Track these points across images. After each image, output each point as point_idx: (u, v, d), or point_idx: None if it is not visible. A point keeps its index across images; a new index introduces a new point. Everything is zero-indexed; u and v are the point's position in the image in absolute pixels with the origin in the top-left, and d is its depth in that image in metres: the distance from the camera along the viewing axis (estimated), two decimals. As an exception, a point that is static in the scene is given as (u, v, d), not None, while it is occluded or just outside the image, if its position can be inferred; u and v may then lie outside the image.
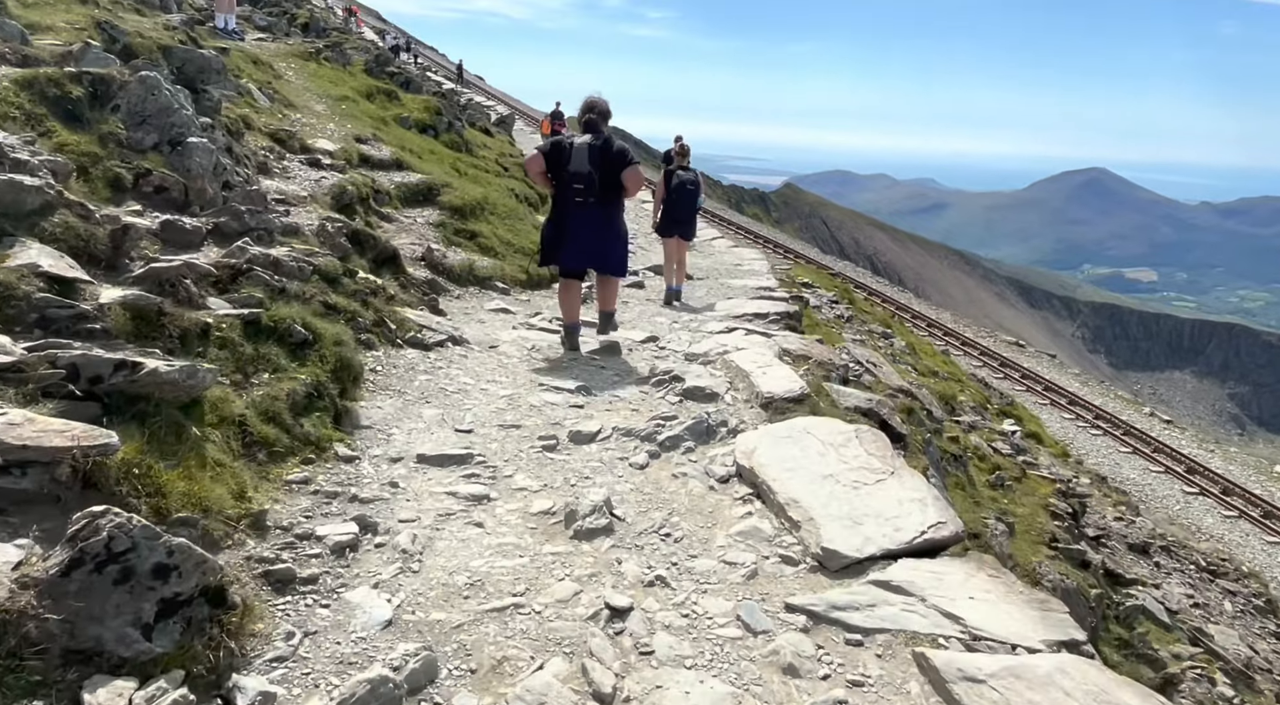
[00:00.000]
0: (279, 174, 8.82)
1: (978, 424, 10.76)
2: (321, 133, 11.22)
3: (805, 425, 5.05)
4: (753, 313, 10.11)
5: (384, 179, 10.92)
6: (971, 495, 7.78)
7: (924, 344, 18.14)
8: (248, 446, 3.87)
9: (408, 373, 5.76)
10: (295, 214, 7.51)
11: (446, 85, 45.76)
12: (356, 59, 16.09)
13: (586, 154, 6.39)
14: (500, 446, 4.88)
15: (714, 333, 8.68)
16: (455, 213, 10.90)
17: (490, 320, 8.03)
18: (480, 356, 6.52)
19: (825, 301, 15.69)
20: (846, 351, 9.45)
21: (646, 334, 8.07)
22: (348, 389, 4.87)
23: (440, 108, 15.72)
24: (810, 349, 7.88)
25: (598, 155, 6.39)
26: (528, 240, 11.45)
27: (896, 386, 8.78)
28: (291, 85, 12.80)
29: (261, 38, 14.82)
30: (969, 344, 28.74)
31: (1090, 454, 21.20)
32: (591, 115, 6.58)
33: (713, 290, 13.13)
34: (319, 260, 6.09)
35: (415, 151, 12.79)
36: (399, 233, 9.84)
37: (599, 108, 6.61)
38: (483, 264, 9.96)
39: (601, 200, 6.50)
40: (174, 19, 11.13)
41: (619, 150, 6.49)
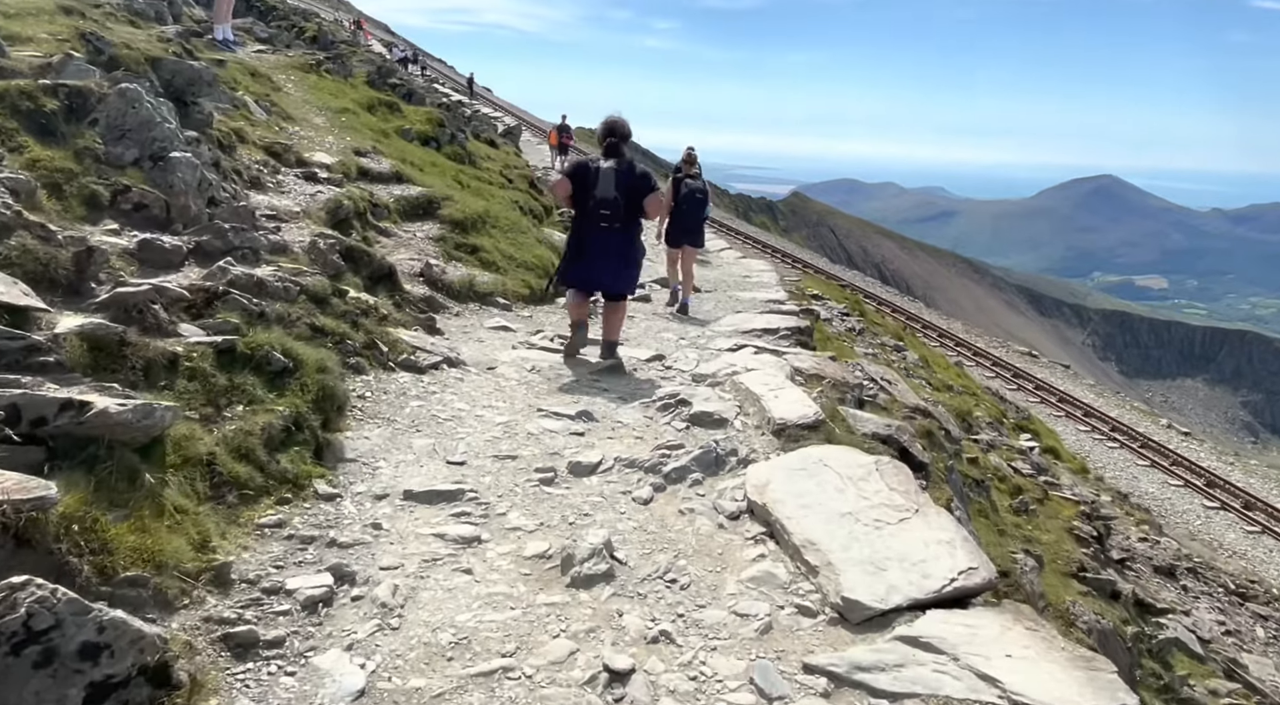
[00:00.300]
0: (273, 189, 8.54)
1: (996, 442, 10.39)
2: (319, 146, 10.95)
3: (821, 455, 4.71)
4: (762, 328, 9.79)
5: (383, 192, 10.64)
6: (995, 523, 7.41)
7: (937, 357, 17.77)
8: (216, 488, 3.56)
9: (399, 399, 5.45)
10: (286, 230, 7.23)
11: (454, 97, 45.72)
12: (358, 71, 15.85)
13: (613, 179, 6.38)
14: (494, 480, 4.56)
15: (722, 351, 8.37)
16: (456, 226, 10.61)
17: (489, 339, 7.72)
18: (477, 379, 6.20)
19: (836, 314, 15.36)
20: (860, 369, 9.11)
21: (652, 352, 7.75)
22: (331, 419, 4.56)
23: (443, 119, 15.47)
24: (823, 368, 7.55)
25: (623, 180, 6.40)
26: (531, 254, 11.16)
27: (913, 406, 8.44)
28: (291, 98, 12.55)
29: (262, 49, 14.61)
30: (981, 354, 28.33)
31: (1107, 468, 20.76)
32: (613, 138, 6.55)
33: (721, 303, 12.82)
34: (307, 280, 5.79)
35: (416, 164, 12.52)
36: (397, 248, 9.55)
37: (620, 130, 6.58)
38: (483, 279, 9.66)
39: (625, 224, 6.53)
40: (169, 30, 10.90)
41: (641, 174, 6.52)
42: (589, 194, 6.45)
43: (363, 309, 6.06)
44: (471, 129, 22.81)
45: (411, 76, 40.04)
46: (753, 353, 7.83)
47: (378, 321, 6.16)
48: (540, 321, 9.35)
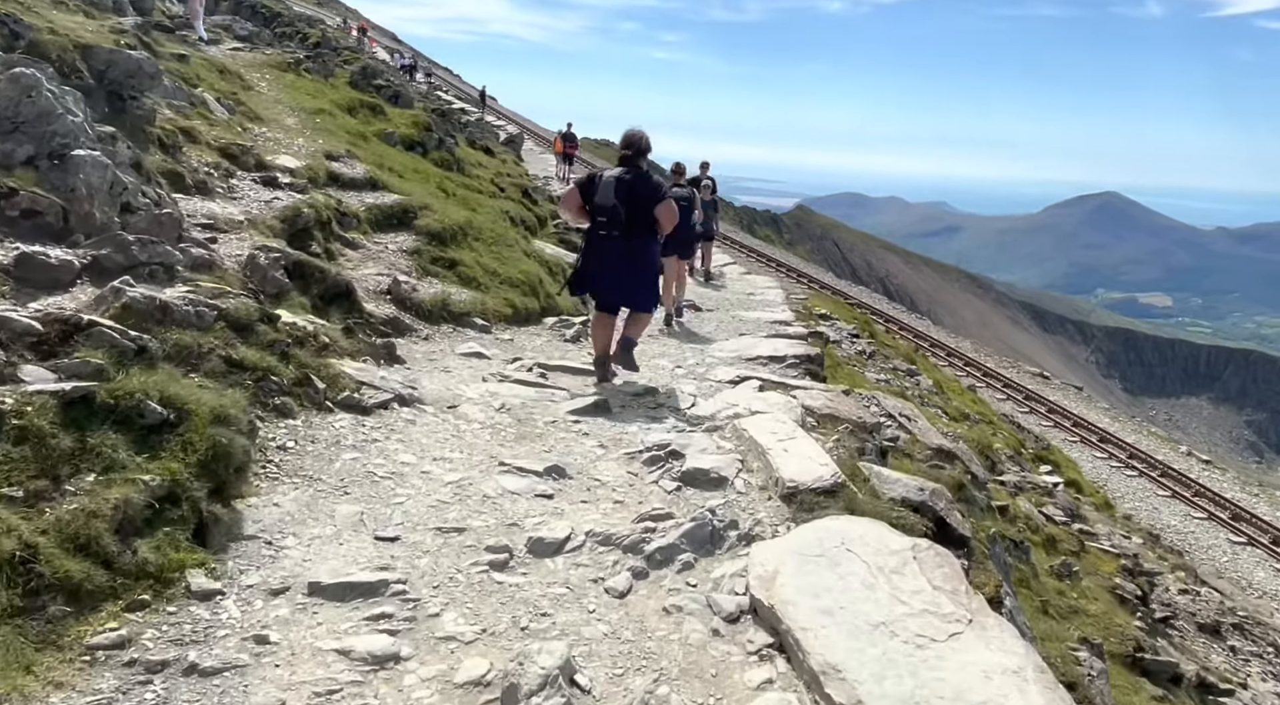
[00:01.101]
0: (222, 194, 7.64)
1: (1023, 482, 9.46)
2: (286, 148, 10.06)
3: (843, 533, 3.77)
4: (768, 355, 8.86)
5: (353, 200, 9.73)
6: (1038, 592, 6.47)
7: (950, 381, 16.81)
8: (32, 596, 2.62)
9: (330, 449, 4.50)
10: (223, 243, 6.31)
11: (456, 104, 44.97)
12: (340, 71, 14.99)
13: (613, 188, 6.22)
14: (432, 563, 3.61)
15: (723, 383, 7.43)
16: (433, 238, 9.69)
17: (458, 368, 6.78)
18: (433, 421, 5.25)
19: (845, 335, 14.43)
20: (876, 403, 8.17)
21: (644, 385, 6.81)
22: (227, 484, 3.62)
23: (430, 123, 14.58)
24: (838, 406, 6.61)
25: (625, 189, 6.22)
26: (516, 269, 10.24)
27: (935, 446, 7.51)
28: (262, 97, 11.68)
29: (238, 47, 13.75)
30: (992, 376, 27.38)
31: (1126, 498, 19.76)
32: (627, 151, 6.41)
33: (723, 324, 11.91)
34: (229, 303, 4.86)
35: (396, 170, 11.62)
36: (364, 261, 8.63)
37: (637, 143, 6.43)
38: (460, 298, 8.74)
39: (627, 234, 6.29)
40: (126, 22, 10.03)
41: (652, 184, 6.31)
42: (590, 202, 6.30)
43: (298, 337, 5.12)
44: (467, 135, 21.96)
45: (408, 82, 39.29)
46: (757, 388, 6.89)
47: (316, 351, 5.22)
48: (521, 345, 8.42)
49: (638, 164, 6.41)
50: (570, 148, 31.99)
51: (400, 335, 7.38)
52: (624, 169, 6.33)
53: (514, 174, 19.67)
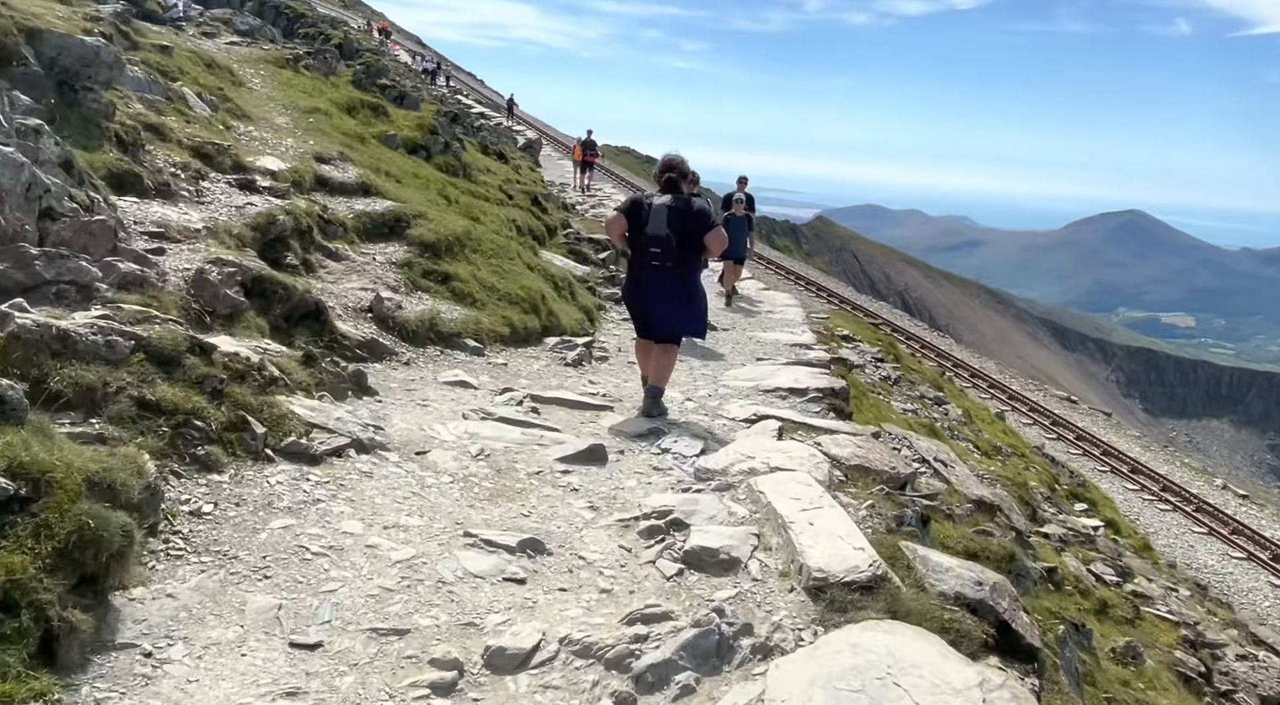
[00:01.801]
0: (187, 198, 6.89)
1: (1067, 535, 8.59)
2: (273, 149, 9.33)
3: (889, 656, 2.94)
4: (788, 387, 8.03)
5: (341, 206, 8.98)
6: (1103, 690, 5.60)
7: (979, 409, 15.91)
8: None
9: (258, 514, 3.70)
10: (172, 255, 5.54)
11: (475, 109, 44.37)
12: (343, 69, 14.29)
13: (665, 216, 6.05)
14: (357, 686, 2.80)
15: (738, 420, 6.62)
16: (427, 249, 8.92)
17: (437, 401, 5.98)
18: (393, 473, 4.45)
19: (869, 359, 13.56)
20: (908, 444, 7.33)
21: (647, 425, 6.01)
22: (101, 575, 2.83)
23: (436, 126, 13.84)
24: (868, 455, 5.78)
25: (677, 217, 6.06)
26: (517, 284, 9.46)
27: (976, 498, 6.67)
28: (253, 94, 10.97)
29: (235, 41, 13.08)
30: (1018, 398, 26.39)
31: (1160, 533, 18.74)
32: (671, 174, 6.24)
33: (740, 346, 11.08)
34: (153, 330, 4.08)
35: (393, 175, 10.87)
36: (347, 274, 7.87)
37: (678, 167, 6.30)
38: (450, 316, 7.96)
39: (679, 263, 6.15)
40: (105, 9, 9.34)
41: (699, 210, 6.13)
42: (641, 231, 6.11)
43: (238, 370, 4.34)
44: (480, 139, 21.26)
45: (428, 85, 38.69)
46: (776, 431, 6.06)
47: (260, 387, 4.43)
48: (515, 371, 7.62)
49: (682, 188, 6.26)
50: (590, 156, 30.78)
51: (377, 359, 6.60)
52: (672, 196, 6.15)
53: (526, 180, 18.92)
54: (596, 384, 7.67)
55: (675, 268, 6.14)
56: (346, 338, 6.42)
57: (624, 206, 6.42)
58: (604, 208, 27.77)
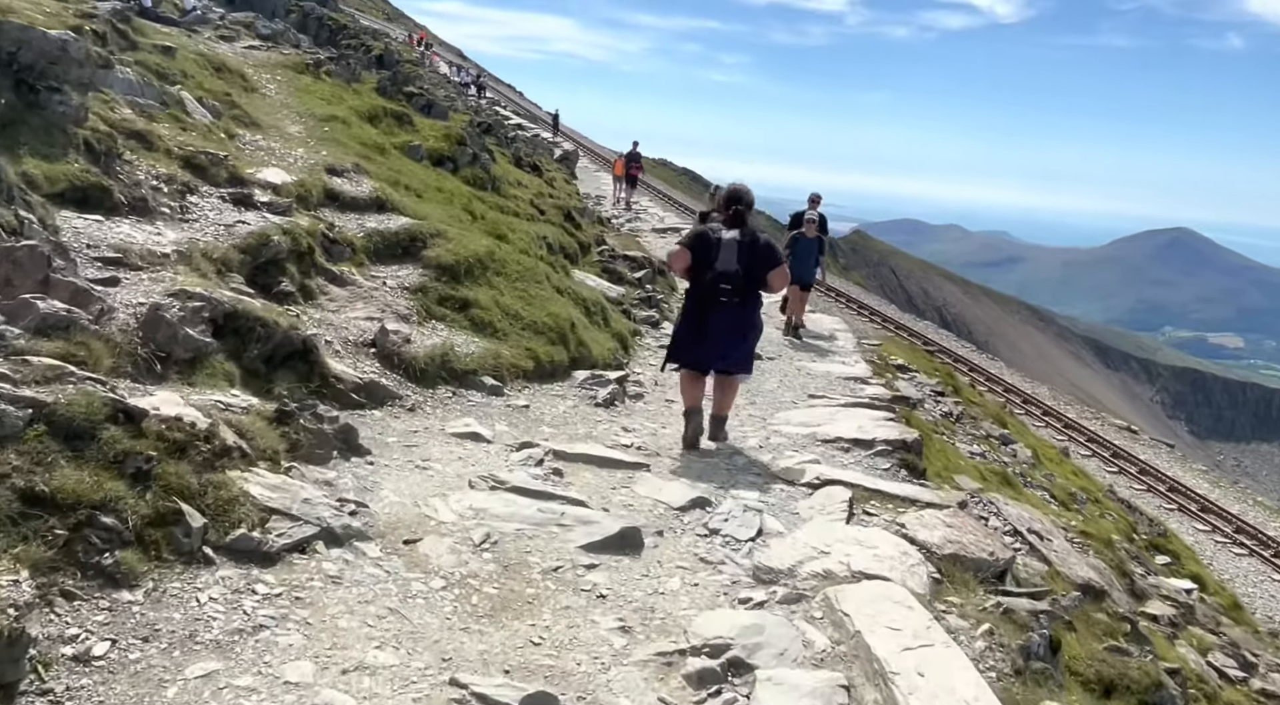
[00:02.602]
0: (167, 215, 6.02)
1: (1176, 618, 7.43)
2: (280, 160, 8.48)
3: None
4: (851, 438, 6.97)
5: (351, 224, 8.09)
6: None
7: (1045, 447, 14.68)
8: None
9: (172, 653, 2.74)
10: (128, 285, 4.64)
11: (512, 120, 43.77)
12: (367, 76, 13.51)
13: (735, 251, 5.94)
14: None
15: (798, 484, 5.59)
16: (444, 272, 7.99)
17: (441, 462, 5.02)
18: (370, 578, 3.47)
19: (928, 392, 12.43)
20: (995, 510, 6.25)
21: (689, 493, 5.01)
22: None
23: (464, 136, 12.98)
24: (961, 536, 4.76)
25: (746, 253, 5.96)
26: (544, 312, 8.50)
27: (1081, 581, 5.59)
28: (265, 100, 10.17)
29: (254, 45, 12.34)
30: (1074, 427, 25.00)
31: (1236, 581, 17.28)
32: (739, 206, 6.15)
33: (788, 378, 10.04)
34: (62, 393, 3.17)
35: (413, 188, 9.99)
36: (351, 302, 6.96)
37: (745, 198, 6.20)
38: (467, 350, 7.01)
39: (745, 298, 6.07)
40: (102, 6, 8.58)
41: (766, 245, 6.10)
42: (708, 267, 5.97)
43: (177, 440, 3.40)
44: (514, 151, 20.41)
45: (466, 96, 38.13)
46: (845, 507, 5.02)
47: (207, 460, 3.49)
48: (538, 415, 6.64)
49: (747, 220, 6.14)
50: (634, 169, 29.09)
51: (377, 405, 5.67)
52: (740, 231, 6.03)
53: (559, 194, 18.03)
54: (631, 431, 6.68)
55: (741, 303, 6.03)
56: (340, 380, 5.49)
57: (688, 240, 6.21)
58: (640, 222, 26.84)
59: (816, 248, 12.21)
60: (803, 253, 11.34)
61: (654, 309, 13.39)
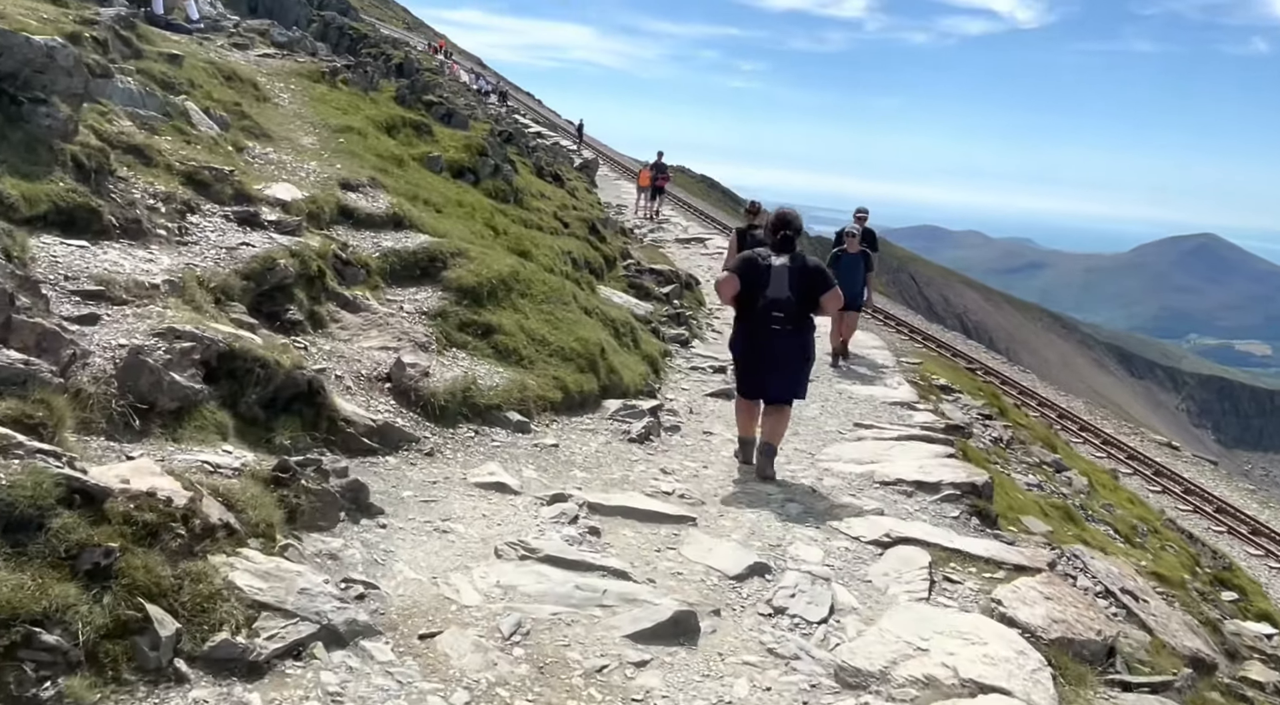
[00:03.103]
0: (163, 238, 5.46)
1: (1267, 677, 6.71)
2: (291, 174, 7.93)
3: None
4: (912, 480, 6.33)
5: (366, 243, 7.52)
6: None
7: (1098, 473, 13.92)
8: None
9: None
10: (110, 323, 4.07)
11: (531, 128, 43.35)
12: (386, 84, 12.98)
13: (786, 278, 5.90)
14: None
15: (864, 540, 4.96)
16: (465, 295, 7.41)
17: (464, 520, 4.41)
18: (377, 691, 2.84)
19: (975, 416, 11.72)
20: (1081, 565, 5.56)
21: (745, 558, 4.38)
22: None
23: (485, 147, 12.42)
24: (1064, 611, 4.16)
25: (796, 278, 5.93)
26: (573, 336, 7.89)
27: (1189, 652, 4.91)
28: (278, 110, 9.64)
29: (269, 53, 11.85)
30: (1112, 444, 24.12)
31: (1294, 610, 16.40)
32: (787, 232, 6.11)
33: (830, 404, 9.38)
34: (6, 472, 2.58)
35: (432, 203, 9.43)
36: (365, 330, 6.38)
37: (794, 224, 6.18)
38: (490, 382, 6.41)
39: (798, 325, 6.01)
40: (105, 12, 8.08)
41: (815, 269, 6.05)
42: (759, 293, 5.91)
43: (148, 523, 2.80)
44: (535, 160, 19.88)
45: (485, 104, 37.69)
46: (925, 577, 4.37)
47: (185, 545, 2.89)
48: (569, 455, 6.03)
49: (795, 246, 6.08)
50: (661, 179, 27.79)
51: (391, 450, 5.08)
52: (789, 256, 5.97)
53: (582, 205, 17.47)
54: (670, 474, 6.06)
55: (795, 330, 5.95)
56: (350, 424, 4.91)
57: (736, 266, 6.12)
58: (663, 232, 26.24)
59: (862, 264, 11.32)
60: (845, 271, 10.46)
61: (683, 327, 12.78)
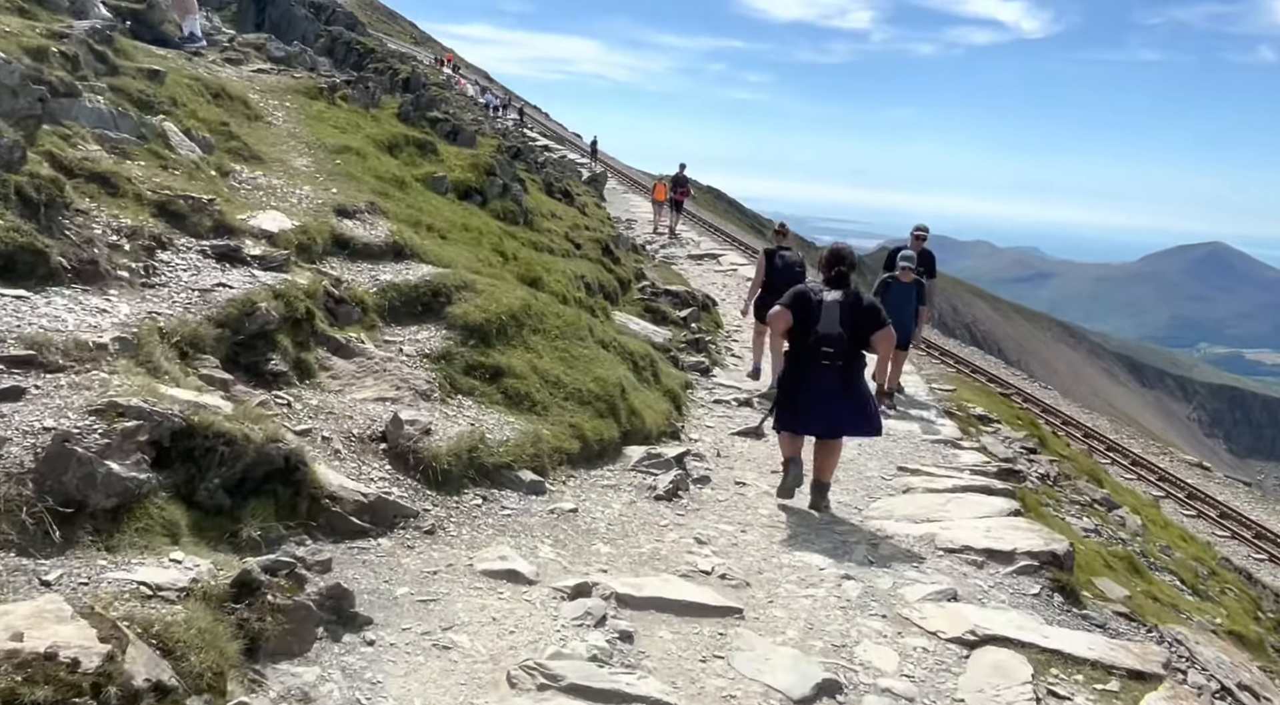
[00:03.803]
0: (123, 281, 4.75)
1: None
2: (281, 201, 7.22)
3: None
4: (982, 549, 5.56)
5: (363, 276, 6.80)
6: None
7: (1148, 508, 13.08)
8: None
9: None
10: (35, 399, 3.33)
11: (539, 142, 42.70)
12: (388, 100, 12.30)
13: (838, 313, 5.85)
14: None
15: (944, 638, 4.18)
16: (472, 334, 6.67)
17: (468, 628, 3.66)
18: None
19: (1017, 449, 10.93)
20: (1188, 656, 4.78)
21: (809, 671, 3.63)
22: None
23: (494, 166, 11.72)
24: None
25: (848, 314, 5.86)
26: (590, 376, 7.15)
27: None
28: (271, 130, 8.95)
29: (264, 68, 11.20)
30: (1141, 464, 23.27)
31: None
32: (841, 268, 6.09)
33: (868, 443, 8.57)
34: None
35: (436, 228, 8.71)
36: (359, 378, 5.65)
37: (847, 259, 6.18)
38: (500, 435, 5.67)
39: (849, 361, 5.94)
40: (79, 25, 7.39)
41: (869, 307, 5.95)
42: (809, 328, 5.92)
43: (42, 702, 2.07)
44: (544, 177, 19.21)
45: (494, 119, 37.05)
46: (1027, 693, 3.60)
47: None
48: (589, 526, 5.26)
49: (849, 282, 6.09)
50: (680, 193, 26.14)
51: (385, 529, 4.33)
52: (842, 292, 5.97)
53: (594, 224, 16.77)
54: (706, 543, 5.31)
55: (845, 366, 5.93)
56: (337, 500, 4.17)
57: (789, 301, 6.06)
58: (676, 248, 25.50)
59: (914, 297, 9.73)
60: (896, 303, 8.80)
61: (702, 353, 12.04)
